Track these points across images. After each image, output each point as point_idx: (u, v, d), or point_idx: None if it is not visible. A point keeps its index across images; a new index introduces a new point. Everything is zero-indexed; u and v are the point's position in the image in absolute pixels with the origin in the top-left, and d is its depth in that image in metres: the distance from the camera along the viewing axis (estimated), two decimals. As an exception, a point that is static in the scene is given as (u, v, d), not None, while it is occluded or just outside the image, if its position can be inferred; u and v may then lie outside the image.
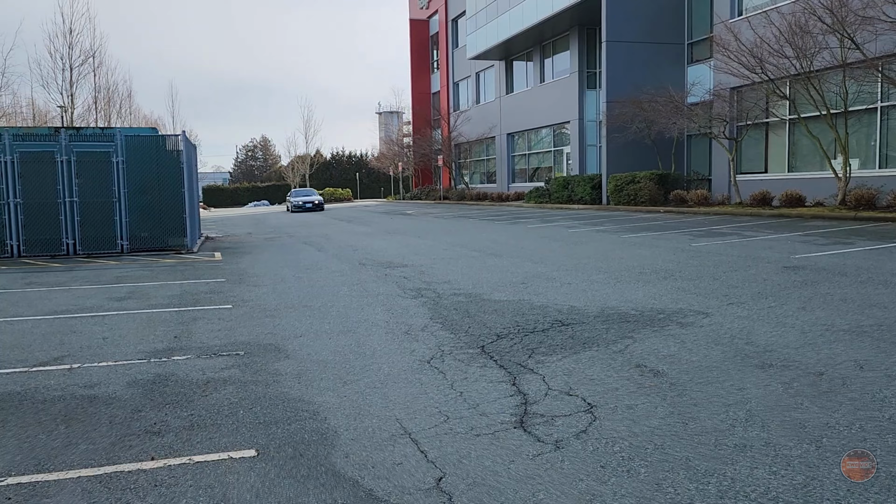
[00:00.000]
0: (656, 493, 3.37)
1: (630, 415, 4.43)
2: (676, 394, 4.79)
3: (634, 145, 25.92)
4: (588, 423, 4.33)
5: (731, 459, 3.70)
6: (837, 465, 3.56)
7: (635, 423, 4.29)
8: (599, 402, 4.69)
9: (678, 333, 6.45)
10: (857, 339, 5.97)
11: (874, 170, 18.04)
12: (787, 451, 3.77)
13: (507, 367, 5.65)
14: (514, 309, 7.99)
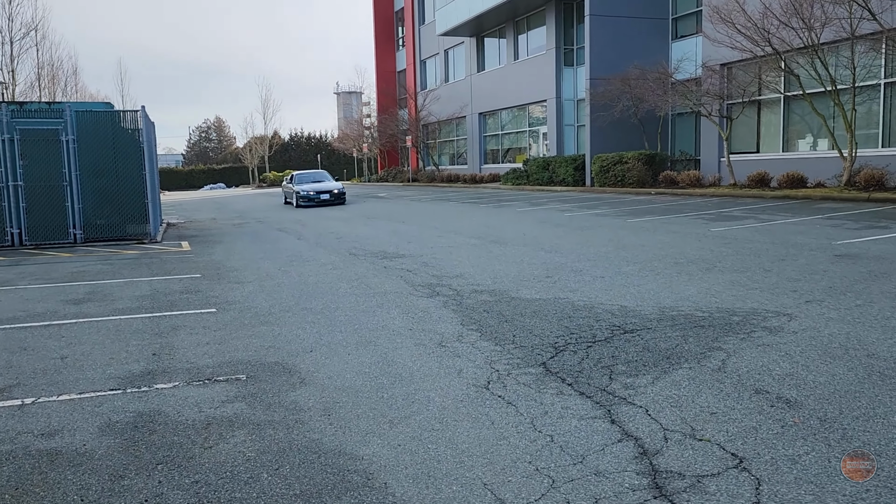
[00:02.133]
0: None
1: (803, 474, 3.28)
2: (839, 436, 3.67)
3: (620, 124, 24.92)
4: (753, 490, 3.17)
5: None
6: None
7: (821, 489, 3.14)
8: (747, 452, 3.54)
9: (774, 342, 5.34)
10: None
11: (877, 149, 17.33)
12: None
13: (590, 394, 4.46)
14: (555, 310, 6.80)
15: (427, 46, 45.87)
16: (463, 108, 39.97)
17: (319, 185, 26.80)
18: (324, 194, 25.97)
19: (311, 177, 28.65)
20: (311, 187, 26.42)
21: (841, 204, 14.93)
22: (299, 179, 28.11)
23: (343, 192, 26.70)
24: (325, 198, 25.91)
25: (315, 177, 28.69)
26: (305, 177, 28.68)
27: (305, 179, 28.15)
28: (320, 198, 25.94)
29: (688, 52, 24.10)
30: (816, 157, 18.74)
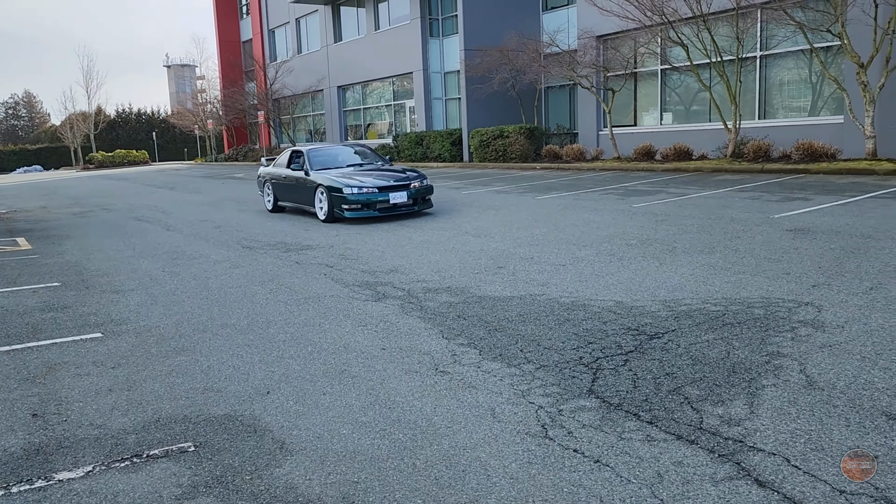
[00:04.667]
0: None
1: None
2: None
3: (497, 97, 24.19)
4: None
5: None
6: None
7: None
8: (982, 520, 2.60)
9: (832, 342, 4.55)
10: None
11: (754, 120, 17.78)
12: None
13: (691, 437, 3.39)
14: (542, 311, 5.69)
15: (276, 15, 42.90)
16: (320, 81, 37.72)
17: (379, 177, 12.07)
18: (397, 193, 11.63)
19: (341, 155, 13.47)
20: (367, 181, 11.77)
21: (738, 176, 15.02)
22: (318, 160, 12.93)
23: (429, 188, 12.37)
24: (401, 200, 11.65)
25: (346, 156, 13.54)
26: (329, 155, 13.29)
27: (333, 160, 13.09)
28: (392, 200, 11.58)
29: (562, 24, 23.75)
30: (700, 129, 18.98)
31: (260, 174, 14.73)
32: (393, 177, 12.12)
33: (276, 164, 14.03)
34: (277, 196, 13.88)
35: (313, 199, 12.32)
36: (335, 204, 11.62)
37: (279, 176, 13.67)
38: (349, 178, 11.87)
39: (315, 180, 12.24)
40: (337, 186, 11.59)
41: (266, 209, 14.37)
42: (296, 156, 13.37)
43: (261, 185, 14.63)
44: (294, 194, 13.16)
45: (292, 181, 13.10)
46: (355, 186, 11.50)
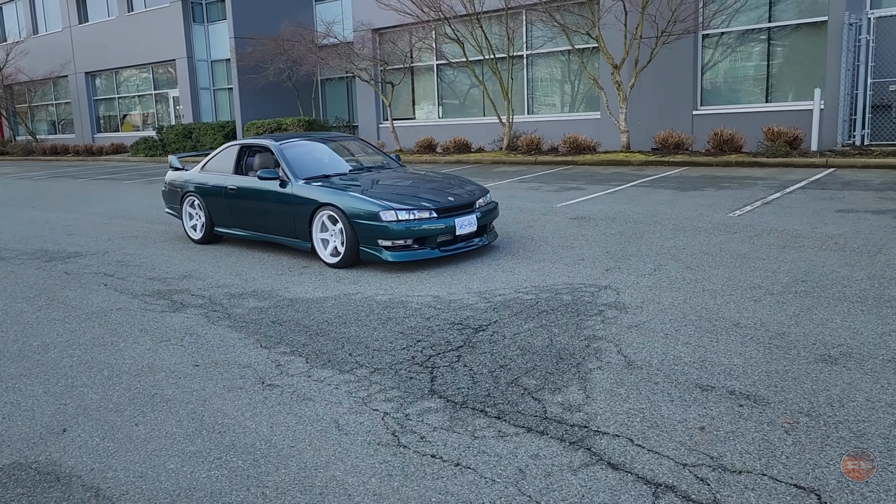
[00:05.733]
0: None
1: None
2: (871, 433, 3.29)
3: (273, 89, 23.32)
4: (877, 531, 2.54)
5: None
6: None
7: (934, 511, 2.66)
8: (798, 476, 2.92)
9: (637, 322, 4.93)
10: None
11: (524, 116, 19.01)
12: None
13: (539, 428, 3.45)
14: (362, 311, 5.53)
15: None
16: (64, 66, 33.69)
17: (428, 190, 7.31)
18: (464, 219, 6.91)
19: (331, 154, 8.47)
20: (413, 200, 6.90)
21: (515, 167, 15.93)
22: (302, 161, 7.80)
23: (496, 206, 7.64)
24: (469, 229, 6.95)
25: (338, 154, 8.63)
26: (314, 153, 8.30)
27: (323, 162, 8.14)
28: (458, 230, 6.86)
29: (337, 15, 23.50)
30: (477, 122, 19.85)
31: (173, 183, 9.11)
32: (444, 190, 7.30)
33: (208, 169, 8.67)
34: (215, 218, 8.46)
35: (304, 228, 7.21)
36: (365, 238, 6.71)
37: (221, 187, 8.24)
38: (383, 194, 6.99)
39: (313, 197, 7.08)
40: (369, 210, 6.65)
41: (189, 237, 8.91)
42: (251, 154, 8.25)
43: (177, 200, 9.03)
44: (256, 218, 7.88)
45: (256, 197, 7.79)
46: (403, 209, 6.62)
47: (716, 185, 11.22)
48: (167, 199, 9.40)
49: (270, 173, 7.45)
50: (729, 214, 8.66)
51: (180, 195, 8.94)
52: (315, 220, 7.12)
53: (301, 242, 7.39)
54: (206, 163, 8.85)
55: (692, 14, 14.73)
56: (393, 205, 6.73)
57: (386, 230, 6.61)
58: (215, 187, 8.39)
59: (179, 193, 8.96)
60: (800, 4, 14.90)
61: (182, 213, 8.96)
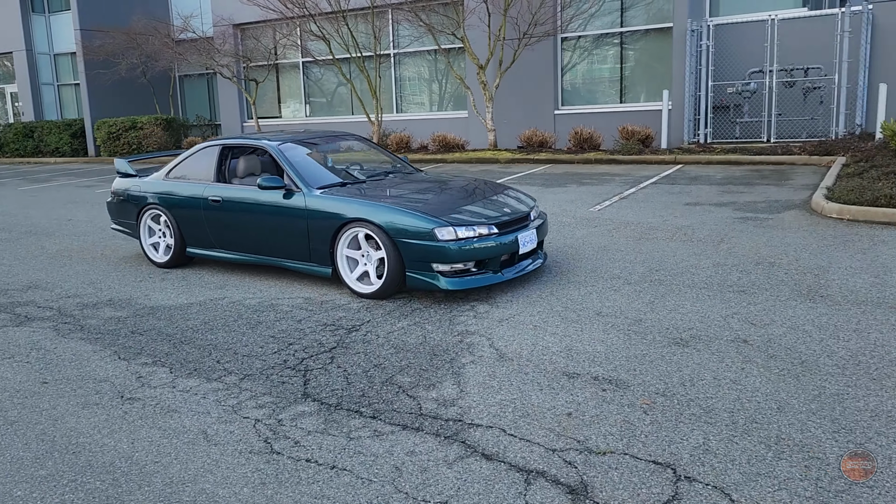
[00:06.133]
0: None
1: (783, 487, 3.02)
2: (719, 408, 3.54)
3: (127, 85, 21.94)
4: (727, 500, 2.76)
5: None
6: None
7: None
8: (660, 454, 3.12)
9: (512, 316, 5.08)
10: None
11: (393, 114, 19.01)
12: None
13: (416, 425, 3.48)
14: (228, 317, 5.35)
15: None
16: None
17: (478, 202, 6.03)
18: (526, 234, 5.76)
19: (342, 157, 7.56)
20: (467, 214, 5.66)
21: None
22: (312, 168, 6.48)
23: (546, 217, 6.49)
24: (531, 246, 5.84)
25: (349, 158, 7.61)
26: (321, 158, 6.99)
27: (336, 169, 6.88)
28: (521, 247, 5.71)
29: (195, 9, 22.48)
30: (345, 121, 19.58)
31: (127, 192, 7.30)
32: (490, 199, 6.17)
33: (176, 175, 6.97)
34: (188, 236, 6.84)
35: (323, 250, 5.85)
36: (414, 262, 5.41)
37: (199, 198, 6.63)
38: (430, 206, 5.74)
39: (337, 211, 5.72)
40: (420, 227, 5.36)
41: (149, 259, 7.19)
42: (235, 157, 6.86)
43: (131, 214, 7.26)
44: (251, 237, 6.39)
45: (250, 211, 6.32)
46: (462, 225, 5.42)
47: (577, 181, 11.75)
48: (115, 213, 7.53)
49: (274, 181, 6.00)
50: (590, 209, 9.10)
51: (137, 208, 7.12)
52: (341, 239, 5.69)
53: (317, 267, 5.95)
54: (172, 168, 7.06)
55: (551, 17, 15.33)
56: (449, 220, 5.39)
57: (444, 252, 5.26)
58: (190, 199, 6.68)
59: (135, 206, 7.14)
60: (648, 11, 15.88)
61: (139, 230, 7.16)
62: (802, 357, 4.04)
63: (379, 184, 6.55)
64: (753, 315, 4.79)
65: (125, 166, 7.48)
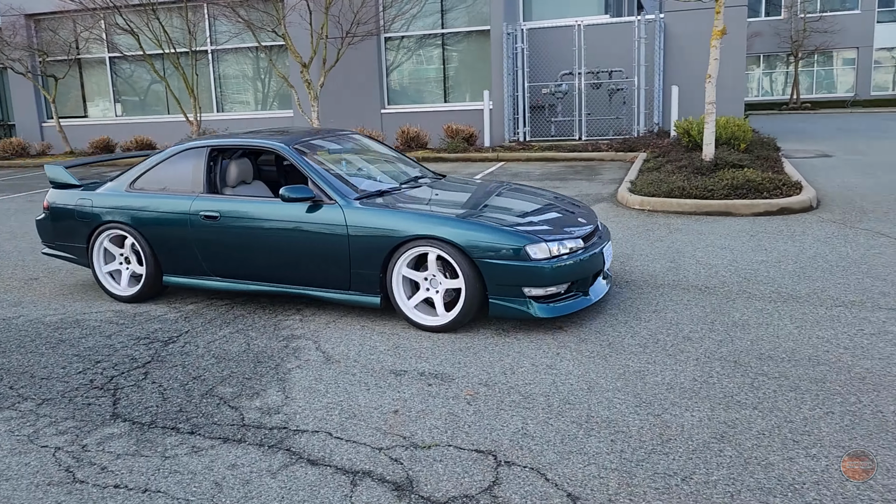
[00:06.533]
0: None
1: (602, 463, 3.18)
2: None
3: None
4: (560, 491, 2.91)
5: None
6: None
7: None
8: (480, 443, 3.22)
9: (339, 317, 5.03)
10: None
11: (213, 114, 18.15)
12: None
13: (234, 436, 3.34)
14: (22, 335, 4.85)
15: None
16: None
17: (553, 209, 5.27)
18: (608, 247, 5.12)
19: (363, 159, 6.06)
20: (546, 224, 4.85)
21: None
22: (332, 172, 5.23)
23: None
24: (609, 262, 5.31)
25: (368, 158, 6.15)
26: (342, 159, 5.84)
27: (365, 173, 5.74)
28: (606, 262, 5.03)
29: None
30: (161, 121, 18.42)
31: (75, 208, 5.72)
32: (552, 207, 5.35)
33: (145, 185, 5.57)
34: (166, 262, 5.46)
35: (371, 274, 4.76)
36: (500, 286, 4.49)
37: (186, 214, 5.28)
38: (508, 218, 4.84)
39: (393, 227, 4.65)
40: (506, 243, 4.45)
41: (106, 291, 5.72)
42: (227, 160, 5.61)
43: (77, 235, 5.75)
44: (264, 261, 5.10)
45: (262, 228, 5.04)
46: (553, 239, 4.58)
47: (405, 179, 11.89)
48: (52, 234, 5.90)
49: (302, 191, 4.82)
50: (417, 207, 9.22)
51: (88, 228, 5.63)
52: (397, 261, 4.64)
53: (359, 296, 4.85)
54: (137, 176, 5.62)
55: (373, 17, 15.40)
56: (539, 235, 4.55)
57: (539, 273, 4.41)
58: (171, 215, 5.31)
59: (85, 225, 5.65)
60: (468, 13, 16.41)
61: (92, 255, 5.67)
62: (609, 339, 4.35)
63: (418, 192, 5.35)
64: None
65: (62, 174, 5.88)
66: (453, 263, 4.48)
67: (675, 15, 14.98)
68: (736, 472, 2.84)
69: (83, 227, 5.67)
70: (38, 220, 6.04)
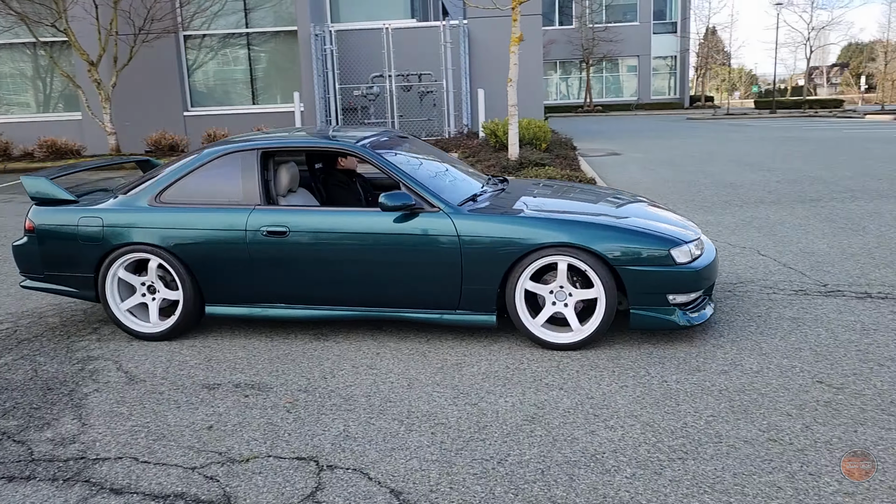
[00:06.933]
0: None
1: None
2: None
3: None
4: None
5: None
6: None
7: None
8: (302, 449, 3.15)
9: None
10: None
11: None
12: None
13: (21, 473, 3.00)
14: None
15: None
16: None
17: (670, 217, 4.77)
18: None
19: (420, 157, 5.01)
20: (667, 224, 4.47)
21: None
22: (431, 180, 4.55)
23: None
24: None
25: (424, 155, 5.13)
26: (422, 166, 4.76)
27: (432, 172, 4.75)
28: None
29: None
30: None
31: (78, 228, 4.56)
32: (657, 210, 4.96)
33: (172, 199, 4.54)
34: (210, 289, 4.51)
35: (487, 289, 4.19)
36: (642, 294, 4.07)
37: (242, 230, 4.37)
38: (637, 220, 4.43)
39: (524, 237, 4.08)
40: (651, 247, 4.07)
41: (126, 328, 4.60)
42: (277, 166, 4.74)
43: (80, 262, 4.59)
44: (347, 283, 4.37)
45: (358, 244, 4.29)
46: (690, 241, 4.25)
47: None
48: (37, 263, 4.75)
49: (401, 198, 4.19)
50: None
51: (100, 252, 4.57)
52: (521, 273, 4.13)
53: (470, 315, 4.29)
54: (166, 187, 4.61)
55: (170, 14, 14.54)
56: (677, 237, 4.19)
57: (686, 278, 4.08)
58: (223, 232, 4.44)
59: (95, 249, 4.58)
60: (274, 13, 16.01)
61: (104, 285, 4.60)
62: (428, 336, 4.44)
63: (513, 196, 4.79)
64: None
65: (51, 188, 4.73)
66: (589, 272, 4.04)
67: (477, 21, 15.64)
68: (546, 449, 3.02)
69: (90, 253, 4.57)
70: (16, 245, 4.82)
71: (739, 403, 3.36)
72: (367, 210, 4.40)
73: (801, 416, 3.21)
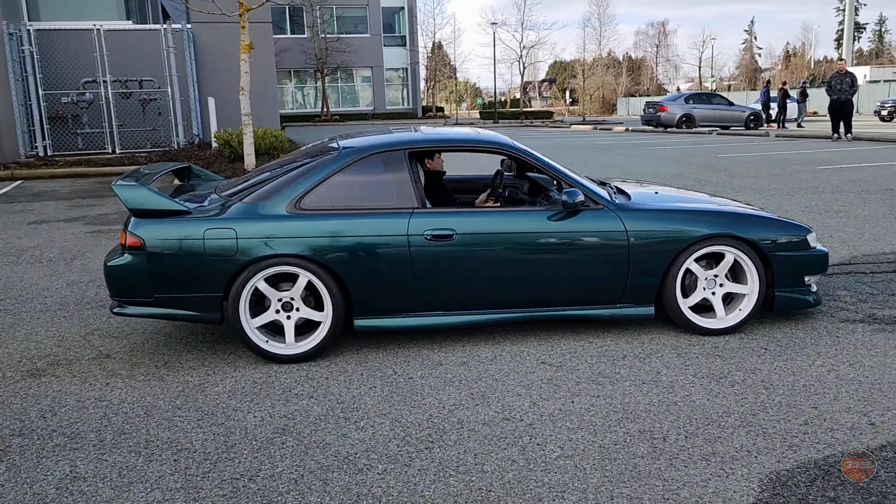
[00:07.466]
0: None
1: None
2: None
3: None
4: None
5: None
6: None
7: (146, 480, 2.89)
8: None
9: None
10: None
11: None
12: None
13: None
14: None
15: None
16: None
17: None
18: None
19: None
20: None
21: None
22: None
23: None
24: None
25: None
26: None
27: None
28: None
29: None
30: None
31: (207, 243, 3.79)
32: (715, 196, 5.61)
33: (315, 206, 3.96)
34: (361, 301, 4.02)
35: (648, 282, 4.30)
36: (788, 279, 4.48)
37: (403, 235, 4.01)
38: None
39: (687, 228, 4.30)
40: (792, 234, 4.53)
41: (264, 351, 3.89)
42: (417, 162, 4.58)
43: (216, 281, 3.87)
44: (515, 283, 4.21)
45: (529, 244, 4.18)
46: (811, 228, 4.75)
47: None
48: (145, 285, 3.99)
49: (575, 195, 4.19)
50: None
51: (231, 269, 3.95)
52: (683, 264, 4.31)
53: (630, 309, 4.39)
54: (306, 192, 4.08)
55: None
56: (803, 224, 4.70)
57: (820, 260, 4.61)
58: (382, 238, 4.09)
59: (226, 264, 3.95)
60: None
61: (238, 304, 3.97)
62: (165, 359, 4.16)
63: (636, 189, 5.04)
64: (114, 328, 4.71)
65: (155, 199, 4.01)
66: (743, 260, 4.35)
67: (203, 27, 14.95)
68: (298, 459, 3.00)
69: (221, 269, 4.00)
70: (113, 265, 4.04)
71: (478, 390, 3.64)
72: (533, 209, 4.41)
73: (529, 395, 3.57)
